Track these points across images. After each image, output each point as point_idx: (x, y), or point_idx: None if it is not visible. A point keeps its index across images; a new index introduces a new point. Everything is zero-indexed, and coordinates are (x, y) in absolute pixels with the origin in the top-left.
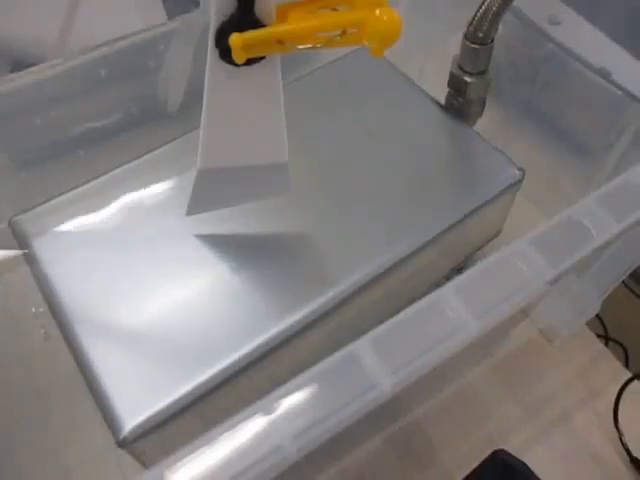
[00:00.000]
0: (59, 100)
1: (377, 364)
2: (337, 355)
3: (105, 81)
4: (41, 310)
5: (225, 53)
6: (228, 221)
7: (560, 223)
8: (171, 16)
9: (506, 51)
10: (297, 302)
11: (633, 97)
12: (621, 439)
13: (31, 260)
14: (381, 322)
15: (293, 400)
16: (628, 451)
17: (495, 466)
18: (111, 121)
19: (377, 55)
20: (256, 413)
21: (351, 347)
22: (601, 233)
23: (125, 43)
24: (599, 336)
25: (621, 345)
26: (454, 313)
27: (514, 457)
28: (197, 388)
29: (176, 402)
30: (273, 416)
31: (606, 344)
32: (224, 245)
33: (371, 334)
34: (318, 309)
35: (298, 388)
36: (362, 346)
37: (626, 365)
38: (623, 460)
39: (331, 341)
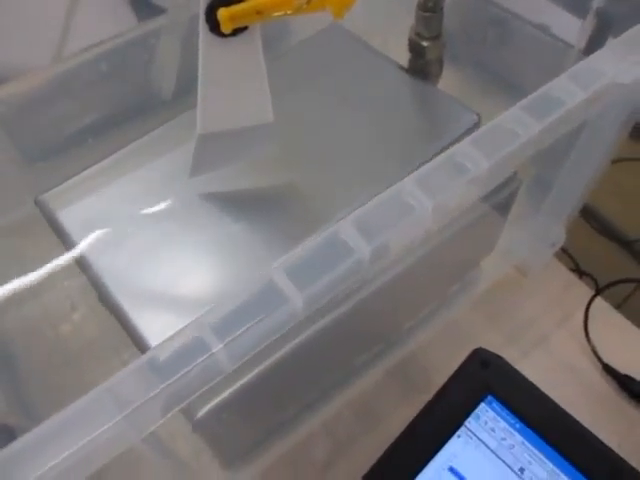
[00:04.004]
0: (66, 94)
1: (357, 236)
2: (322, 235)
3: (106, 74)
4: (66, 284)
5: (214, 26)
6: (226, 179)
7: (492, 126)
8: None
9: (457, 17)
10: (288, 241)
11: (569, 45)
12: (593, 350)
13: (60, 232)
14: None
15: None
16: (600, 359)
17: (474, 362)
18: (114, 110)
19: (338, 18)
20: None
21: (334, 227)
22: (525, 132)
23: (122, 39)
24: (572, 270)
25: (591, 277)
26: (415, 201)
27: (492, 353)
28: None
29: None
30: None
31: (580, 277)
32: (224, 199)
33: (353, 214)
34: None
35: (296, 258)
36: (344, 225)
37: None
38: (596, 367)
39: None
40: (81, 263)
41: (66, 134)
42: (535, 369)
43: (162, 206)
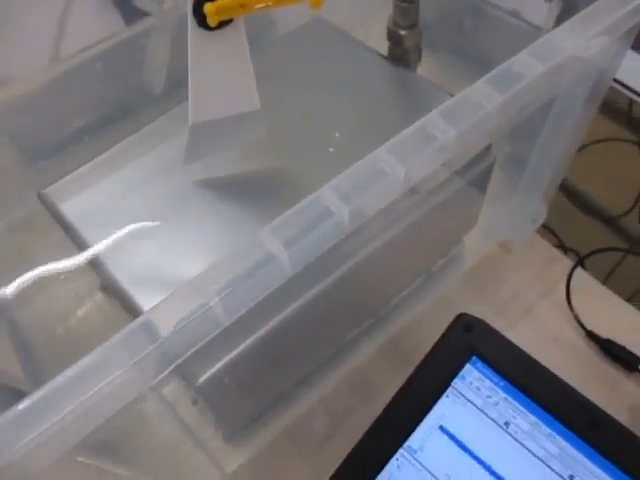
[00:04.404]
0: (63, 94)
1: (336, 200)
2: (305, 200)
3: (101, 74)
4: (70, 275)
5: (201, 20)
6: (218, 165)
7: (459, 99)
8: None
9: (434, 6)
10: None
11: (538, 28)
12: (576, 317)
13: (63, 224)
14: None
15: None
16: (583, 326)
17: (458, 326)
18: (109, 108)
19: (315, 8)
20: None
21: (316, 192)
22: (489, 104)
23: (115, 40)
24: (556, 247)
25: (575, 252)
26: (389, 167)
27: (474, 317)
28: None
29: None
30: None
31: (565, 254)
32: (217, 183)
33: (333, 181)
34: None
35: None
36: (325, 190)
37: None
38: (580, 334)
39: None
40: (85, 252)
41: (64, 132)
42: (522, 339)
43: (160, 193)
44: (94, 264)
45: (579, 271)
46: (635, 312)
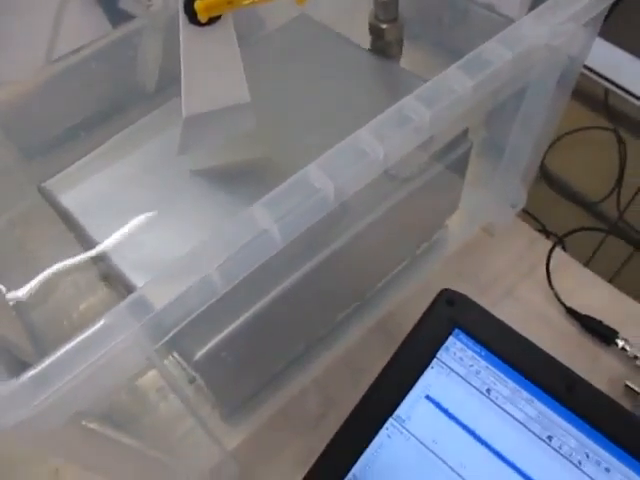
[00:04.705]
0: (59, 93)
1: (322, 176)
2: (293, 177)
3: (95, 72)
4: (70, 266)
5: (192, 17)
6: (211, 155)
7: (433, 84)
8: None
9: (414, 1)
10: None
11: (511, 19)
12: (556, 295)
13: (63, 215)
14: None
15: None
16: (563, 304)
17: (441, 301)
18: (103, 105)
19: (301, 4)
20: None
21: (303, 170)
22: (460, 88)
23: (109, 39)
24: (538, 231)
25: (556, 235)
26: (369, 147)
27: (456, 292)
28: None
29: None
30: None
31: (547, 238)
32: (210, 172)
33: (318, 159)
34: None
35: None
36: (311, 167)
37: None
38: (560, 312)
39: None
40: (86, 242)
41: (61, 129)
42: (505, 317)
43: (156, 182)
44: (96, 253)
45: (559, 252)
46: (612, 289)
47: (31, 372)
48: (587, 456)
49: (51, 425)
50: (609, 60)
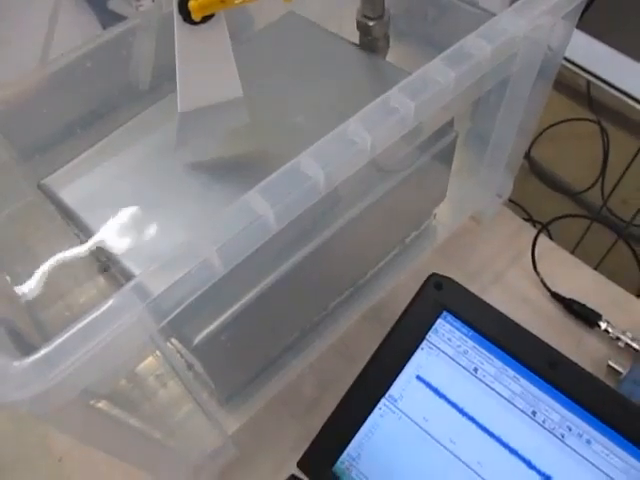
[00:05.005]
0: (55, 92)
1: (313, 164)
2: (286, 165)
3: (90, 71)
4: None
5: (186, 16)
6: (206, 148)
7: (417, 76)
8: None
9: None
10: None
11: (493, 14)
12: (542, 280)
13: (63, 210)
14: None
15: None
16: (548, 288)
17: (429, 285)
18: (98, 103)
19: (288, 1)
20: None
21: (296, 159)
22: (443, 80)
23: (103, 39)
24: (525, 219)
25: (542, 223)
26: (357, 137)
27: (444, 276)
28: None
29: None
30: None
31: (534, 227)
32: (206, 165)
33: (310, 148)
34: None
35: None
36: (303, 156)
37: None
38: (545, 295)
39: None
40: (86, 236)
41: (57, 127)
42: (493, 302)
43: (153, 176)
44: (96, 246)
45: (545, 240)
46: (595, 274)
47: (44, 350)
48: (569, 429)
49: (62, 399)
50: (591, 54)
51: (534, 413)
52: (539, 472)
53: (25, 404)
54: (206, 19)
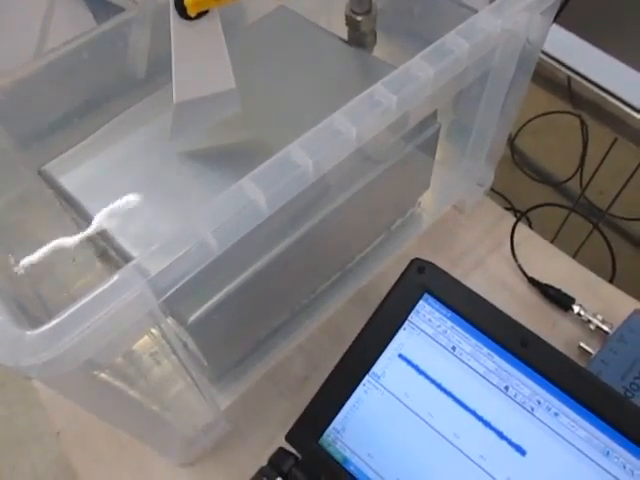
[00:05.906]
0: (52, 82)
1: (302, 154)
2: (276, 155)
3: (87, 62)
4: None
5: (182, 11)
6: (200, 138)
7: (399, 72)
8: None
9: None
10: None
11: (476, 11)
12: (520, 267)
13: (63, 196)
14: None
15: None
16: (525, 274)
17: (412, 269)
18: (95, 93)
19: None
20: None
21: (285, 148)
22: (424, 75)
23: (99, 30)
24: (507, 209)
25: (522, 212)
26: (343, 127)
27: (426, 260)
28: None
29: None
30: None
31: (515, 216)
32: (200, 154)
33: (299, 139)
34: None
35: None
36: (292, 146)
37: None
38: (523, 281)
39: None
40: (85, 221)
41: (54, 116)
42: (474, 286)
43: (150, 164)
44: (95, 231)
45: (524, 228)
46: (571, 261)
47: (54, 321)
48: (539, 403)
49: (69, 367)
50: (571, 49)
51: (507, 388)
52: (510, 442)
53: (37, 369)
54: (201, 15)
